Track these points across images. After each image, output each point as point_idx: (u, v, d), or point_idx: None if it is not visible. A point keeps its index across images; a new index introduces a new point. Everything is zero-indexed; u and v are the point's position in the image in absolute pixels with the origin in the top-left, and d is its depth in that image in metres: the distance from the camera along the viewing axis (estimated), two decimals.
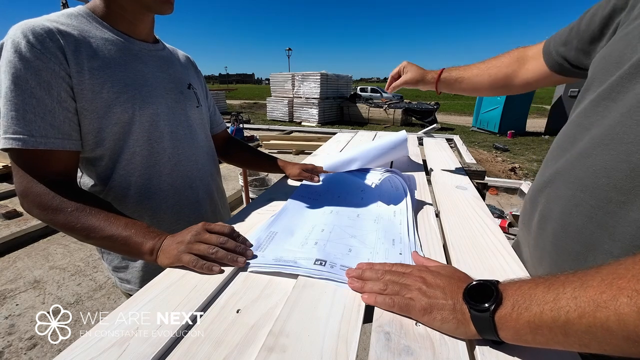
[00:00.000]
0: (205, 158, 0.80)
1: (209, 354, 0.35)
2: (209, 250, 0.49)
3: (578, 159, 0.44)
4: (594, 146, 0.41)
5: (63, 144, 0.55)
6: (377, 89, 18.23)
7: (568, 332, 0.28)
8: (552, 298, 0.29)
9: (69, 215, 0.52)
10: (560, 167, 0.48)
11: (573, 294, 0.28)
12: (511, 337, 0.32)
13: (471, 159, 1.47)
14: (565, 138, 0.50)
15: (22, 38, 0.51)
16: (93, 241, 0.53)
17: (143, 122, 0.64)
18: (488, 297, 0.34)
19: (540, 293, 0.31)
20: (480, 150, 6.18)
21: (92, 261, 2.36)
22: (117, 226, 0.52)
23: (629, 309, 0.25)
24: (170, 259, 0.49)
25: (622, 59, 0.41)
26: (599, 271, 0.29)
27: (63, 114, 0.55)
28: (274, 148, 5.97)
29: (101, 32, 0.61)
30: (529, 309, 0.31)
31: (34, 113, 0.51)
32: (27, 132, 0.51)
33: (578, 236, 0.42)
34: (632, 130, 0.36)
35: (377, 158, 1.03)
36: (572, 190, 0.43)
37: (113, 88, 0.59)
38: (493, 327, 0.33)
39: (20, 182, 0.53)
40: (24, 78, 0.51)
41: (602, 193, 0.39)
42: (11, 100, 0.50)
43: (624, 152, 0.37)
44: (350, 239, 0.59)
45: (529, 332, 0.31)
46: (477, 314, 0.34)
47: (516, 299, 0.32)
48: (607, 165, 0.38)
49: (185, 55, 0.84)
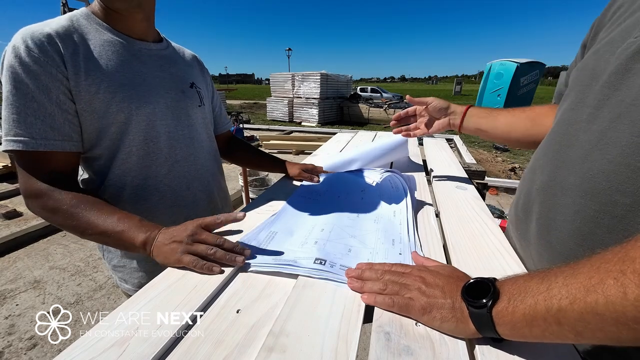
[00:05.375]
0: (206, 158, 0.80)
1: (209, 354, 0.35)
2: (208, 250, 0.49)
3: (571, 165, 0.44)
4: (587, 152, 0.41)
5: (63, 146, 0.56)
6: (377, 89, 18.23)
7: (561, 320, 0.28)
8: (545, 288, 0.30)
9: (65, 213, 0.54)
10: (553, 174, 0.47)
11: (564, 282, 0.29)
12: (509, 332, 0.33)
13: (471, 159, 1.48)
14: (551, 146, 0.50)
15: (21, 44, 0.53)
16: (90, 237, 0.55)
17: (139, 122, 0.64)
18: (485, 293, 0.34)
19: (534, 285, 0.31)
20: (480, 150, 6.18)
21: (92, 261, 2.36)
22: (111, 221, 0.53)
23: (615, 290, 0.25)
24: (168, 260, 0.50)
25: (596, 71, 0.44)
26: (590, 259, 0.29)
27: (63, 116, 0.56)
28: (274, 148, 5.97)
29: (100, 34, 0.62)
30: (523, 301, 0.31)
31: (35, 116, 0.53)
32: (28, 135, 0.53)
33: (587, 243, 0.41)
34: (625, 134, 0.37)
35: (377, 159, 1.03)
36: (571, 198, 0.43)
37: (109, 88, 0.60)
38: (491, 323, 0.33)
39: (23, 182, 0.56)
40: (24, 82, 0.53)
41: (604, 197, 0.38)
42: (13, 104, 0.52)
43: (620, 154, 0.37)
44: (350, 238, 0.59)
45: (525, 325, 0.31)
46: (475, 311, 0.34)
47: (512, 293, 0.32)
48: (605, 169, 0.38)
49: (192, 54, 0.84)
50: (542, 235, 0.48)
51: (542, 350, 0.35)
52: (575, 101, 0.47)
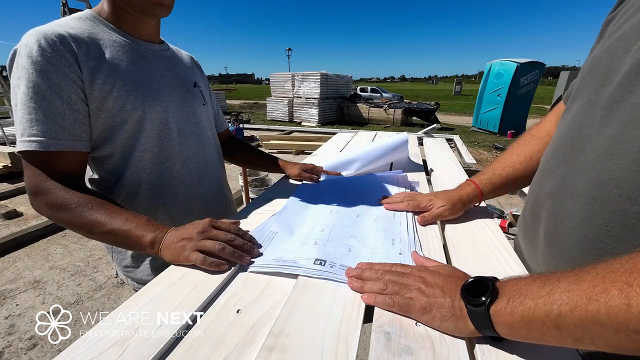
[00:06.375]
0: (213, 154, 0.81)
1: (209, 354, 0.35)
2: (216, 246, 0.49)
3: (581, 170, 0.42)
4: (597, 157, 0.39)
5: (73, 145, 0.57)
6: (377, 89, 18.21)
7: (561, 325, 0.28)
8: (546, 292, 0.30)
9: (72, 211, 0.54)
10: (562, 180, 0.46)
11: (567, 288, 0.29)
12: (507, 332, 0.33)
13: (471, 159, 1.48)
14: (560, 150, 0.48)
15: (34, 44, 0.53)
16: (96, 236, 0.55)
17: (153, 120, 0.65)
18: (485, 292, 0.34)
19: (536, 288, 0.31)
20: (480, 150, 6.18)
21: (92, 261, 2.36)
22: (118, 220, 0.53)
23: (619, 301, 0.25)
24: (177, 258, 0.50)
25: (611, 69, 0.41)
26: (595, 267, 0.29)
27: (73, 116, 0.56)
28: (274, 148, 5.97)
29: (108, 35, 0.63)
30: (523, 302, 0.31)
31: (46, 115, 0.53)
32: (41, 134, 0.53)
33: (594, 251, 0.40)
34: (639, 139, 0.35)
35: (377, 159, 1.03)
36: (579, 204, 0.41)
37: (123, 87, 0.61)
38: (489, 322, 0.33)
39: (29, 181, 0.55)
40: (36, 82, 0.52)
41: (614, 205, 0.37)
42: (25, 104, 0.52)
43: (633, 161, 0.35)
44: (350, 238, 0.59)
45: (523, 326, 0.31)
46: (474, 309, 0.34)
47: (512, 294, 0.32)
48: (616, 176, 0.37)
49: (189, 55, 0.85)
50: (549, 242, 0.47)
51: (542, 350, 0.35)
52: (587, 102, 0.45)
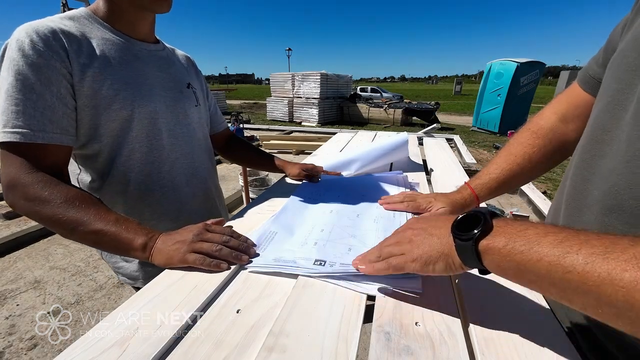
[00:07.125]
0: (202, 156, 0.81)
1: (209, 354, 0.35)
2: (213, 248, 0.49)
3: (599, 178, 0.39)
4: (614, 164, 0.37)
5: (60, 139, 0.56)
6: (377, 88, 18.21)
7: (555, 282, 0.27)
8: (558, 253, 0.27)
9: (57, 207, 0.51)
10: (579, 187, 0.43)
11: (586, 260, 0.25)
12: (495, 270, 0.32)
13: (471, 159, 1.48)
14: (582, 154, 0.44)
15: (25, 37, 0.52)
16: (78, 235, 0.52)
17: (142, 120, 0.65)
18: (477, 226, 0.32)
19: (547, 244, 0.28)
20: (481, 150, 6.18)
21: (93, 261, 2.36)
22: (107, 221, 0.51)
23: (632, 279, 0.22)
24: (170, 260, 0.49)
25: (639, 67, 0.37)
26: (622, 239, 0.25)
27: (62, 110, 0.56)
28: (274, 148, 5.97)
29: (102, 33, 0.62)
30: (524, 253, 0.29)
31: (34, 108, 0.52)
32: (26, 126, 0.52)
33: None
34: None
35: (378, 159, 1.03)
36: (594, 215, 0.39)
37: (113, 86, 0.60)
38: (475, 255, 0.32)
39: (8, 172, 0.52)
40: (26, 74, 0.52)
41: (631, 218, 0.34)
42: (12, 96, 0.51)
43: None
44: (350, 238, 0.59)
45: (514, 273, 0.30)
46: (462, 243, 0.33)
47: (514, 240, 0.30)
48: (632, 185, 0.34)
49: (185, 55, 0.85)
50: None
51: (542, 349, 0.35)
52: (612, 102, 0.40)
